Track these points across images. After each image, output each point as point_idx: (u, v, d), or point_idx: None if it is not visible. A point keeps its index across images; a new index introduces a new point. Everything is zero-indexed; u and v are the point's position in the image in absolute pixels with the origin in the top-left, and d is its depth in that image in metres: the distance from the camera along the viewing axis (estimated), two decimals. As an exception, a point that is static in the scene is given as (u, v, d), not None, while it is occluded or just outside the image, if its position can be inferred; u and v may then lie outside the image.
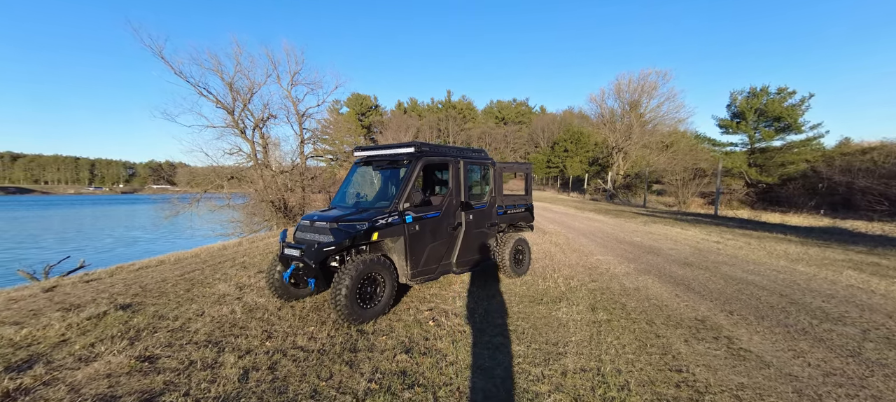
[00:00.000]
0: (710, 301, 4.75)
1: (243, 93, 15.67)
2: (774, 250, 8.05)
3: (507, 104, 67.69)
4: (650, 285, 5.50)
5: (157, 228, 24.19)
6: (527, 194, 6.33)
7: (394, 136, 40.82)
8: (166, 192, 18.59)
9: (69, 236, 25.42)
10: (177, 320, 3.93)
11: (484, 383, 2.87)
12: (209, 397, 2.55)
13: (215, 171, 15.80)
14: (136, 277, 5.87)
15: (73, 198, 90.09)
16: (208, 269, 6.28)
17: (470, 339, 3.63)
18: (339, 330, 3.72)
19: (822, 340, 3.60)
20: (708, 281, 5.69)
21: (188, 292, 4.98)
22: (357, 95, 57.27)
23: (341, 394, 2.65)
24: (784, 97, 28.55)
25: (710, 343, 3.52)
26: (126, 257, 8.59)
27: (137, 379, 2.76)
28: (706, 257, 7.42)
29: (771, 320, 4.09)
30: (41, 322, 3.85)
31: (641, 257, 7.52)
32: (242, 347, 3.32)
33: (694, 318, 4.16)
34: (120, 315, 4.05)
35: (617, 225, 12.84)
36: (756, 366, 3.10)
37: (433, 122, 56.24)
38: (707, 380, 2.88)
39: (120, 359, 3.02)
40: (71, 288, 5.37)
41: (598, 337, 3.65)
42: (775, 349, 3.41)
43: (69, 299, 4.76)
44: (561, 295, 5.00)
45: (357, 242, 4.03)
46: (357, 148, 5.35)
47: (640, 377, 2.92)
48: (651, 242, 9.30)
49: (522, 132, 60.83)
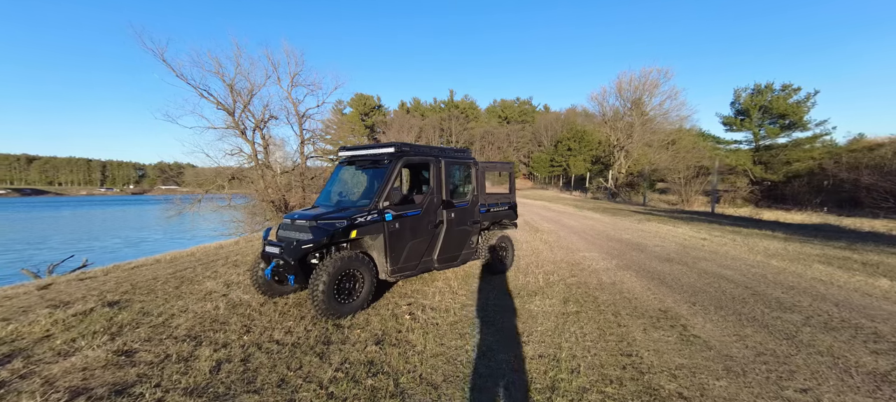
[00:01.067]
0: (678, 294, 4.84)
1: (244, 94, 15.76)
2: (756, 246, 8.06)
3: (510, 103, 67.53)
4: (626, 279, 5.53)
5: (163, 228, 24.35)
6: (510, 193, 6.35)
7: (396, 135, 40.88)
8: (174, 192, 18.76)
9: (78, 237, 25.68)
10: (160, 316, 4.02)
11: (446, 368, 2.99)
12: (179, 387, 2.61)
13: (217, 171, 15.89)
14: (129, 275, 5.96)
15: (85, 199, 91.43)
16: (200, 267, 6.36)
17: (441, 331, 3.70)
18: (316, 324, 3.78)
19: (767, 326, 3.81)
20: (682, 275, 5.72)
21: (177, 289, 5.05)
22: (360, 96, 57.41)
23: (307, 383, 2.71)
24: (789, 94, 28.15)
25: (665, 331, 3.69)
26: (130, 257, 8.69)
27: (112, 372, 2.83)
28: (688, 253, 7.43)
29: (727, 310, 4.26)
30: (28, 318, 3.93)
31: (626, 253, 7.53)
32: (220, 341, 3.39)
33: (658, 309, 4.27)
34: (106, 312, 4.12)
35: (611, 223, 12.83)
36: (699, 349, 3.30)
37: (436, 121, 56.31)
38: (651, 362, 3.06)
39: (98, 353, 3.10)
40: (65, 286, 5.45)
41: (563, 327, 3.78)
42: (722, 334, 3.61)
43: (60, 296, 4.84)
44: (538, 289, 5.04)
45: (336, 239, 4.08)
46: (341, 148, 5.40)
47: (592, 362, 3.09)
48: (640, 239, 9.31)
49: (525, 131, 60.72)
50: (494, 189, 6.34)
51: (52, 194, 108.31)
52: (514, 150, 59.62)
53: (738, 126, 31.16)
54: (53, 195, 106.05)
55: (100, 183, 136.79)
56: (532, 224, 12.23)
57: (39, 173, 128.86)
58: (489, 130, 58.52)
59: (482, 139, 57.69)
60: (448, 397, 2.64)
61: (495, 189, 6.34)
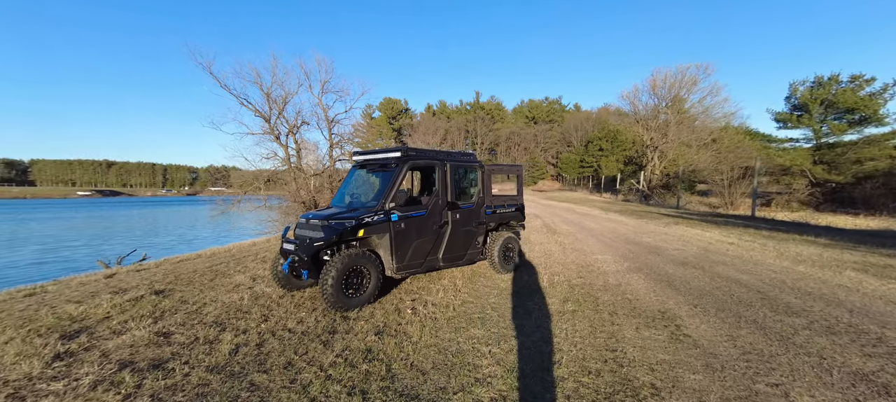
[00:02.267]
0: (682, 296, 4.78)
1: (278, 102, 16.80)
2: (786, 252, 7.59)
3: (538, 103, 66.21)
4: (633, 281, 5.47)
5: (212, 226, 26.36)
6: (518, 195, 6.43)
7: (422, 138, 41.52)
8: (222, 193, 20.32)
9: (143, 233, 28.40)
10: (195, 304, 4.52)
11: (436, 357, 3.22)
12: (202, 365, 3.00)
13: (255, 174, 17.06)
14: (174, 268, 6.66)
15: (150, 199, 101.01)
16: (233, 262, 6.97)
17: (438, 325, 3.91)
18: (325, 316, 4.11)
19: (764, 328, 3.78)
20: (694, 279, 5.57)
21: (211, 281, 5.61)
22: (388, 100, 58.80)
23: (309, 366, 3.01)
24: (860, 86, 25.09)
25: (657, 330, 3.76)
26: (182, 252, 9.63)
27: (152, 349, 3.29)
28: (708, 257, 7.15)
29: (729, 313, 4.24)
30: (94, 302, 4.57)
31: (641, 256, 7.36)
32: (241, 327, 3.80)
33: (657, 310, 4.26)
34: (153, 299, 4.70)
35: (636, 227, 12.42)
36: (685, 347, 3.36)
37: (461, 123, 56.46)
38: (634, 357, 3.18)
39: (142, 333, 3.59)
40: (125, 276, 6.20)
41: (556, 324, 3.94)
42: (714, 334, 3.64)
43: (121, 284, 5.54)
44: (540, 289, 5.16)
45: (345, 237, 4.38)
46: (354, 152, 5.72)
47: (576, 355, 3.24)
48: (660, 242, 9.02)
49: (554, 131, 59.29)
50: (503, 191, 6.42)
51: (126, 195, 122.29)
52: (542, 150, 58.37)
53: (795, 123, 28.36)
54: (126, 196, 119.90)
55: (161, 185, 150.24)
56: (550, 226, 12.09)
57: (116, 177, 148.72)
58: (515, 130, 57.69)
59: (508, 140, 57.02)
60: (433, 381, 2.85)
61: (504, 191, 6.42)
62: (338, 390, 2.73)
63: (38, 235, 27.87)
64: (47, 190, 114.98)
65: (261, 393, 2.66)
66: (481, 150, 56.77)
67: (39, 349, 3.36)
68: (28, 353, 3.29)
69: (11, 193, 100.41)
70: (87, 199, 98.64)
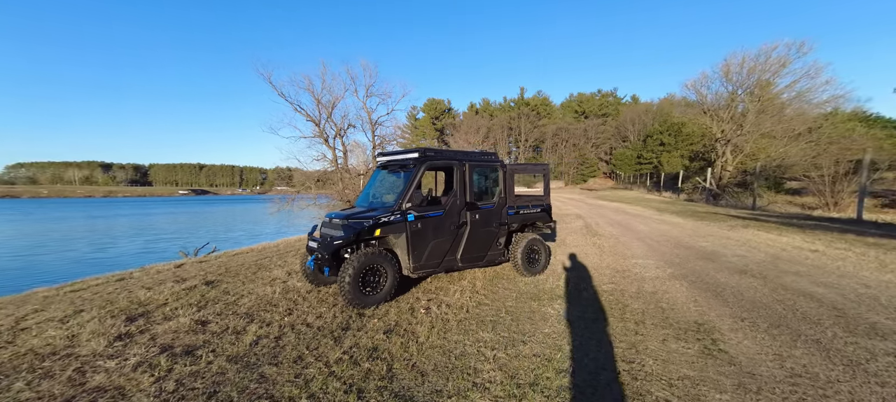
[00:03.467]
0: (729, 308, 4.24)
1: (327, 106, 17.82)
2: (892, 264, 6.21)
3: (589, 97, 62.58)
4: (673, 289, 4.96)
5: (276, 223, 28.87)
6: (544, 195, 6.10)
7: (464, 137, 41.45)
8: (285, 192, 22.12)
9: (221, 228, 32.09)
10: (234, 295, 4.94)
11: (439, 359, 3.22)
12: (225, 354, 3.27)
13: (306, 175, 18.30)
14: (228, 261, 7.35)
15: (229, 197, 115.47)
16: (276, 257, 7.51)
17: (448, 326, 3.87)
18: (343, 312, 4.24)
19: (828, 350, 3.22)
20: (750, 290, 4.90)
21: (253, 274, 6.10)
22: (432, 100, 59.57)
23: (317, 361, 3.14)
24: None
25: (687, 343, 3.39)
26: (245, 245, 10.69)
27: (189, 336, 3.66)
28: (776, 266, 6.23)
29: (785, 329, 3.68)
30: (160, 289, 5.22)
31: (689, 262, 6.63)
32: (266, 320, 4.07)
33: (693, 322, 3.85)
34: (203, 289, 5.22)
35: (693, 229, 11.17)
36: (717, 363, 2.99)
37: (504, 121, 55.32)
38: (652, 371, 2.90)
39: (185, 320, 4.01)
40: (189, 266, 6.99)
41: (572, 331, 3.72)
42: (758, 352, 3.19)
43: (183, 274, 6.25)
44: (564, 294, 4.81)
45: (363, 236, 4.48)
46: (378, 154, 5.81)
47: (585, 364, 3.04)
48: (718, 247, 8.07)
49: (607, 126, 55.70)
50: (530, 191, 6.13)
51: (212, 193, 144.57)
52: (593, 146, 55.03)
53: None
54: (212, 194, 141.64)
55: (238, 184, 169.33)
56: (592, 228, 11.34)
57: (206, 178, 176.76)
58: (563, 126, 55.04)
59: (554, 137, 54.62)
60: (431, 384, 2.81)
61: (530, 191, 6.13)
62: (337, 387, 2.79)
63: (150, 227, 32.80)
64: (159, 189, 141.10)
65: (267, 385, 2.82)
66: (525, 147, 55.17)
67: (108, 329, 3.89)
68: (99, 331, 3.82)
69: (137, 192, 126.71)
70: (185, 197, 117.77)
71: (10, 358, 3.32)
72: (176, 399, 2.63)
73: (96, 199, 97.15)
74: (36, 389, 2.80)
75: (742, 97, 31.37)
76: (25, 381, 2.90)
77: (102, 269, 8.14)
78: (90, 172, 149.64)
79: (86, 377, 2.97)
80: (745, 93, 31.18)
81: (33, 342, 3.65)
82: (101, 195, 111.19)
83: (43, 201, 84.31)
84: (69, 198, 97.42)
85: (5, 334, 3.86)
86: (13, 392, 2.75)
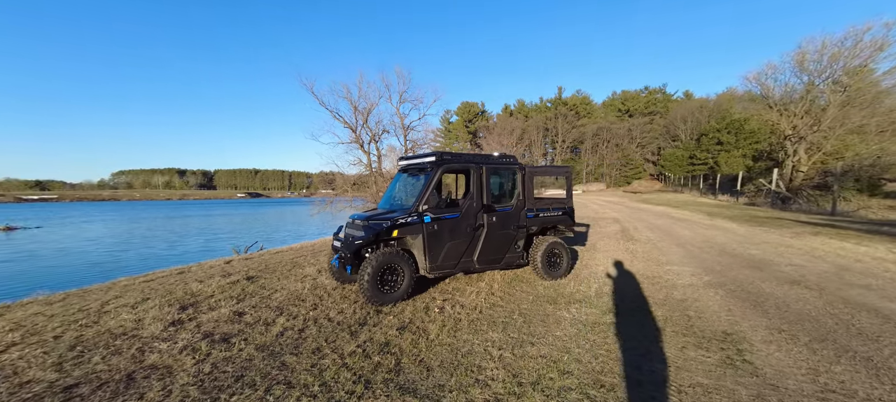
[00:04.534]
0: (767, 319, 3.98)
1: (363, 112, 18.61)
2: None
3: (633, 94, 59.30)
4: (705, 297, 4.67)
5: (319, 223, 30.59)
6: (566, 197, 5.96)
7: (497, 139, 41.07)
8: (328, 196, 23.40)
9: (271, 228, 34.62)
10: (269, 290, 5.38)
11: (446, 356, 3.34)
12: (254, 343, 3.61)
13: (343, 178, 19.21)
14: (269, 258, 7.98)
15: (279, 200, 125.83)
16: (310, 255, 8.02)
17: (459, 325, 3.96)
18: (362, 309, 4.48)
19: (880, 369, 2.92)
20: (799, 301, 4.51)
21: (289, 271, 6.57)
22: (466, 104, 59.72)
23: (332, 353, 3.37)
24: None
25: (708, 352, 3.22)
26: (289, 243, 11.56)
27: (227, 325, 4.07)
28: (841, 278, 5.61)
29: (830, 344, 3.37)
30: (209, 283, 5.82)
31: (732, 271, 6.17)
32: (293, 313, 4.40)
33: (721, 331, 3.65)
34: (244, 283, 5.74)
35: (746, 236, 10.25)
36: (738, 374, 2.82)
37: (540, 121, 54.00)
38: (664, 377, 2.80)
39: (226, 311, 4.45)
40: (236, 263, 7.68)
41: (583, 335, 3.67)
42: (790, 365, 2.96)
43: (230, 269, 6.89)
44: (584, 298, 4.73)
45: (381, 237, 4.69)
46: (399, 158, 6.02)
47: (593, 367, 3.00)
48: (773, 256, 7.42)
49: (655, 125, 52.31)
50: (552, 194, 6.04)
51: (265, 196, 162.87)
52: (638, 146, 51.85)
53: None
54: (265, 197, 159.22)
55: (288, 188, 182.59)
56: (628, 232, 10.79)
57: (260, 182, 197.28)
58: (604, 125, 52.48)
59: (595, 137, 52.26)
60: (435, 378, 2.93)
61: (553, 194, 6.03)
62: (347, 377, 2.99)
63: (211, 227, 36.34)
64: (221, 193, 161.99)
65: (286, 372, 3.08)
66: (562, 148, 53.36)
67: (165, 315, 4.43)
68: (158, 317, 4.37)
69: (204, 195, 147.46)
70: (242, 199, 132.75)
71: (93, 335, 3.91)
72: (210, 380, 2.97)
73: (173, 201, 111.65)
74: (108, 362, 3.29)
75: (821, 88, 27.52)
76: (101, 355, 3.42)
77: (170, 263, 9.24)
78: (170, 177, 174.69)
79: (144, 355, 3.44)
80: (825, 83, 27.31)
81: (111, 323, 4.27)
82: (177, 198, 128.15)
83: (136, 203, 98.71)
84: (154, 200, 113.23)
85: (92, 315, 4.54)
86: (92, 364, 3.26)
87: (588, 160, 53.54)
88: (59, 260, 18.54)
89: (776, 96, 30.32)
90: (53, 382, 2.90)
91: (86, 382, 2.90)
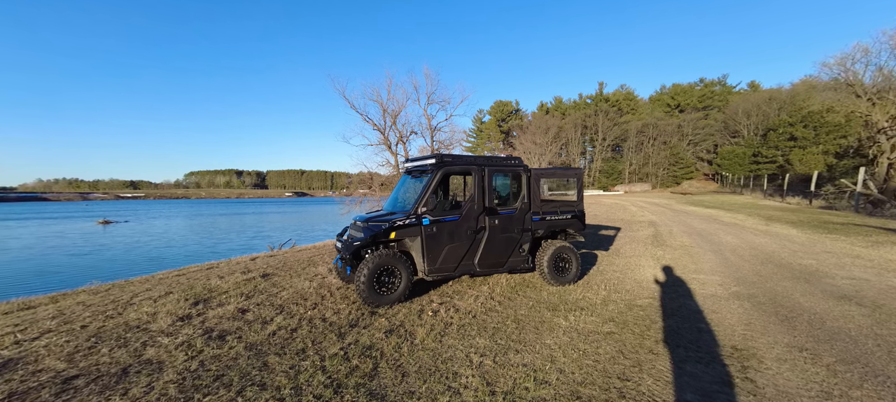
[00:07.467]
0: (790, 336, 3.62)
1: (391, 114, 18.98)
2: None
3: (686, 87, 55.01)
4: (725, 309, 4.26)
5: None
6: (577, 201, 5.64)
7: (531, 138, 40.09)
8: (366, 195, 24.30)
9: (308, 225, 36.58)
10: (278, 288, 5.63)
11: (426, 361, 3.38)
12: (246, 341, 3.80)
13: (373, 179, 19.71)
14: (290, 255, 8.36)
15: (322, 199, 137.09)
16: (327, 254, 8.27)
17: (449, 330, 3.93)
18: (358, 310, 4.55)
19: None
20: (840, 319, 4.00)
21: (302, 269, 6.83)
22: (499, 102, 58.90)
23: (315, 355, 3.46)
24: None
25: (707, 367, 2.99)
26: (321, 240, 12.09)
27: (228, 322, 4.31)
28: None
29: (858, 366, 2.99)
30: (227, 279, 6.21)
31: (771, 282, 5.58)
32: (292, 312, 4.56)
33: (730, 346, 3.40)
34: (258, 280, 6.05)
35: (804, 244, 9.08)
36: (735, 393, 2.60)
37: (578, 119, 51.75)
38: (647, 390, 2.64)
39: (231, 308, 4.71)
40: (261, 260, 8.13)
41: (574, 344, 3.55)
42: (799, 385, 2.69)
43: (252, 266, 7.31)
44: (587, 306, 4.50)
45: (379, 239, 4.72)
46: (405, 160, 6.02)
47: (573, 378, 2.88)
48: (829, 268, 6.61)
49: (710, 120, 48.04)
50: (560, 196, 5.74)
51: (309, 195, 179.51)
52: (690, 144, 47.75)
53: None
54: (309, 196, 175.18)
55: (330, 188, 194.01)
56: (661, 237, 9.97)
57: (305, 182, 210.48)
58: (650, 122, 48.98)
59: (639, 134, 48.96)
60: (408, 385, 2.94)
61: (561, 196, 5.73)
62: (321, 380, 3.03)
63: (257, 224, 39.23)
64: (272, 192, 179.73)
65: (265, 373, 3.19)
66: (603, 147, 50.74)
67: (177, 310, 4.75)
68: (171, 311, 4.71)
69: (257, 194, 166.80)
70: (289, 198, 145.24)
71: (112, 327, 4.31)
72: (192, 378, 3.12)
73: (232, 200, 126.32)
74: (112, 355, 3.59)
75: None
76: (109, 347, 3.74)
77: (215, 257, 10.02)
78: (229, 178, 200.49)
79: (145, 349, 3.71)
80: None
81: (132, 315, 4.67)
82: (234, 197, 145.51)
83: (202, 200, 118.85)
84: (216, 199, 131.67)
85: (120, 306, 5.00)
86: (98, 355, 3.58)
87: (631, 158, 50.45)
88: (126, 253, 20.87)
89: (865, 83, 26.05)
90: (59, 372, 3.19)
91: (85, 374, 3.16)
